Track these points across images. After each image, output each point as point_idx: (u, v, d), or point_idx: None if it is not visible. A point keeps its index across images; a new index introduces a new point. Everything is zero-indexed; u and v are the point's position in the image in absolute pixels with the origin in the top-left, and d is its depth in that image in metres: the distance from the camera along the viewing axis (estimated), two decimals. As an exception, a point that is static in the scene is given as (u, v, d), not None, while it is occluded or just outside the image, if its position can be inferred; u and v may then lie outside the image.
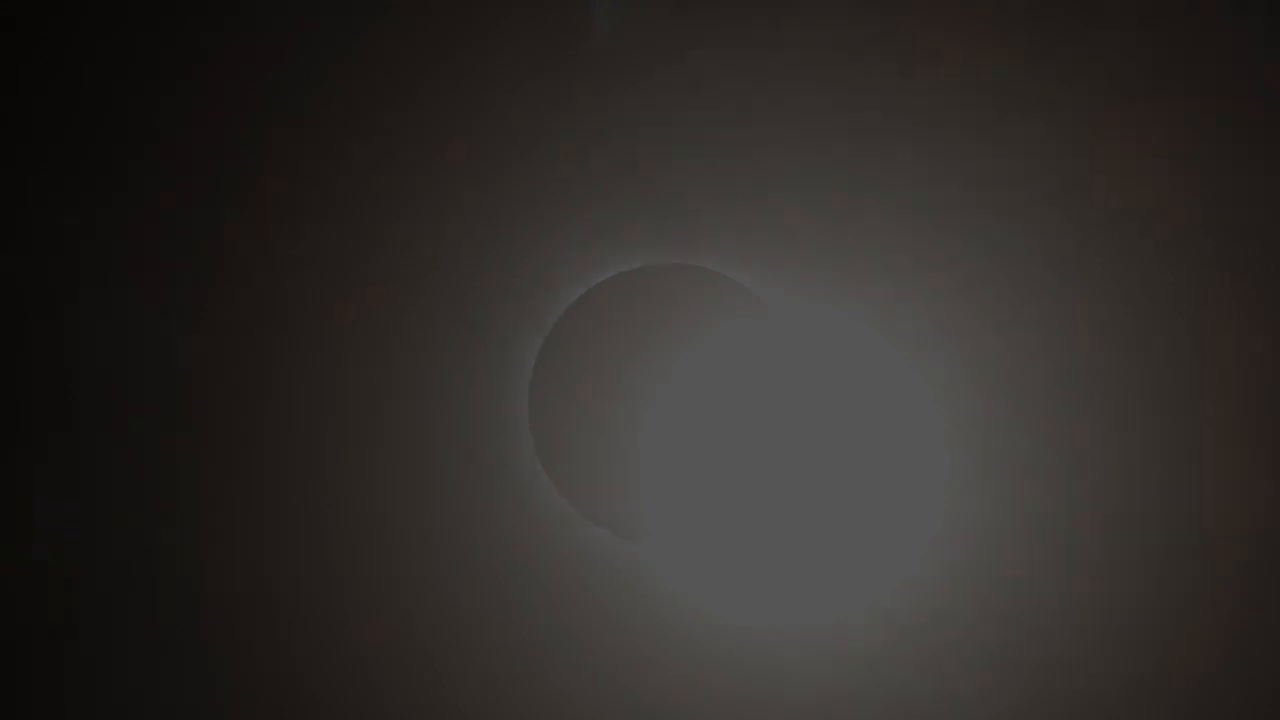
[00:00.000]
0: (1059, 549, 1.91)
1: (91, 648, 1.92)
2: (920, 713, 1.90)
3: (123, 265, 1.94)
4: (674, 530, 1.96)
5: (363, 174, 1.96)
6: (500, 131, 1.97)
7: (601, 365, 1.97)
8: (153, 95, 1.95)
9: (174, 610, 1.92)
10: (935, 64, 1.93)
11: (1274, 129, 1.91)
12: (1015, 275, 1.93)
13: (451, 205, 1.97)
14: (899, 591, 1.92)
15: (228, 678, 1.92)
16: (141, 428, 1.93)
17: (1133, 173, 1.92)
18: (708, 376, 1.97)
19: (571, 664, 1.93)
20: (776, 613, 1.94)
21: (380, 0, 1.96)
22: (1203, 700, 1.89)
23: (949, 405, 1.94)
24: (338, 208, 1.96)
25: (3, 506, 1.93)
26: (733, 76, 1.95)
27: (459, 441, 1.96)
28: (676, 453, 1.96)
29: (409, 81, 1.97)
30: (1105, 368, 1.92)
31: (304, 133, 1.95)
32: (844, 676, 1.92)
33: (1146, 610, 1.90)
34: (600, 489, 1.95)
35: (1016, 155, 1.93)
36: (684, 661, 1.93)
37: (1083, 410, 1.92)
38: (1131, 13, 1.91)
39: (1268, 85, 1.91)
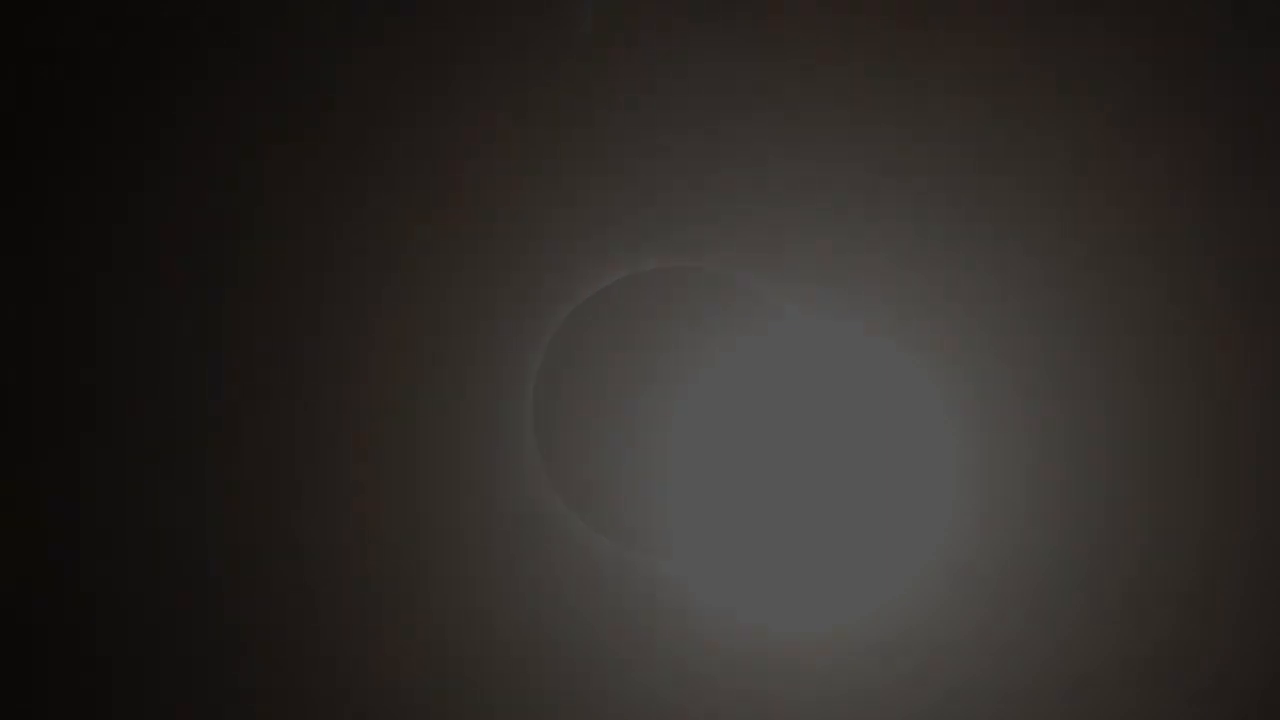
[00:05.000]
0: (1064, 551, 1.93)
1: (117, 653, 1.92)
2: (930, 712, 1.93)
3: (149, 271, 1.92)
4: (688, 540, 1.97)
5: (368, 179, 1.95)
6: (500, 131, 1.95)
7: (608, 371, 1.97)
8: (184, 101, 1.93)
9: (199, 612, 1.92)
10: (951, 75, 1.92)
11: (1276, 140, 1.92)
12: (1026, 284, 1.94)
13: (455, 208, 1.96)
14: (909, 598, 1.94)
15: (256, 679, 1.92)
16: (166, 433, 1.93)
17: (1143, 187, 1.93)
18: (716, 383, 1.97)
19: (580, 670, 1.95)
20: (790, 618, 1.95)
21: (369, 5, 1.94)
22: (1203, 699, 1.92)
23: (958, 413, 1.95)
24: (342, 212, 1.95)
25: (24, 511, 1.92)
26: (740, 78, 1.94)
27: (459, 445, 1.96)
28: (688, 460, 1.96)
29: (408, 83, 1.95)
30: (1110, 376, 1.94)
31: (306, 143, 1.94)
32: (847, 682, 1.94)
33: (1148, 610, 1.92)
34: (609, 499, 1.96)
35: (1017, 159, 1.93)
36: (703, 666, 1.95)
37: (1088, 417, 1.94)
38: (1141, 25, 1.91)
39: (1269, 96, 1.91)
